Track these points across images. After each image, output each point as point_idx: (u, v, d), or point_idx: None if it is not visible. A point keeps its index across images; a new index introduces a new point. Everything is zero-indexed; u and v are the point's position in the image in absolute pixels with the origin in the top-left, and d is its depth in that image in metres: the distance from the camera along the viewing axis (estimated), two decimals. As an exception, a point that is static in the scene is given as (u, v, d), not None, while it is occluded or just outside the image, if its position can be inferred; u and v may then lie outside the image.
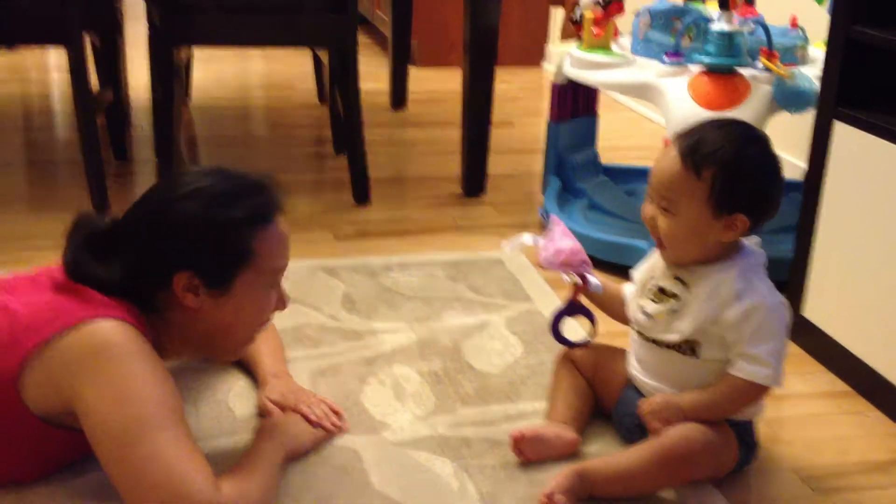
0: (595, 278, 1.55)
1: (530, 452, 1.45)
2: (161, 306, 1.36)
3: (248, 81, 4.13)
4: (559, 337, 1.61)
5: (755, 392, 1.40)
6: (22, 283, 1.37)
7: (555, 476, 1.35)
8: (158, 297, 1.35)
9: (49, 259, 1.40)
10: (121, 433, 1.20)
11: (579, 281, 1.55)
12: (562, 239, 1.54)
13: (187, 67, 3.55)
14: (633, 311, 1.51)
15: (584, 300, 1.59)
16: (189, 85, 3.63)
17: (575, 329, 1.68)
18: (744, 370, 1.38)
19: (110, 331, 1.25)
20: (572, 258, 1.52)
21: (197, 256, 1.33)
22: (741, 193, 1.38)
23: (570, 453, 1.47)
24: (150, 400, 1.23)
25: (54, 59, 4.26)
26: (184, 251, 1.33)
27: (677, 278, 1.45)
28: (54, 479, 1.36)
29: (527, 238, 1.57)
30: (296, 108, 3.69)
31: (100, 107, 2.69)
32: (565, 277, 1.56)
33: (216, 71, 4.17)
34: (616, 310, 1.60)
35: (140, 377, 1.24)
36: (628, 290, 1.57)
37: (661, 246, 1.45)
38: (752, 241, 1.46)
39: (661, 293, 1.46)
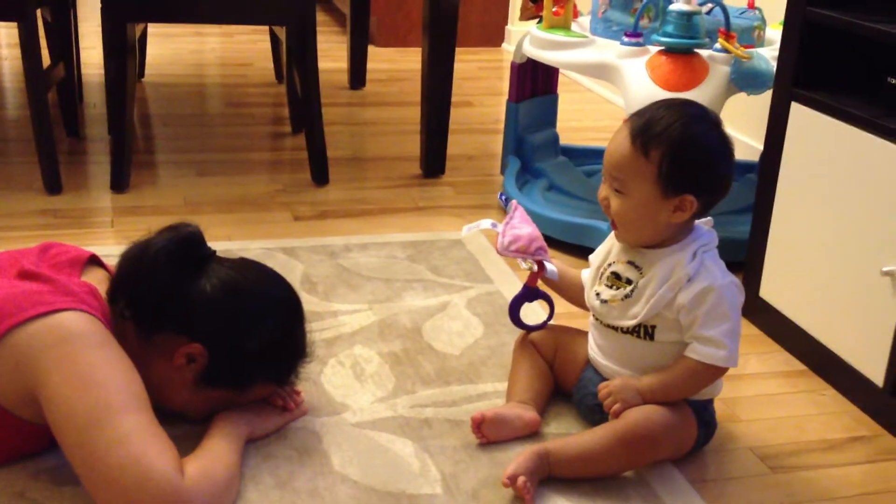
0: (552, 265, 1.55)
1: (491, 434, 1.45)
2: (137, 332, 1.34)
3: (204, 59, 4.08)
4: (519, 322, 1.61)
5: (711, 373, 1.41)
6: None
7: (516, 456, 1.35)
8: (150, 331, 1.34)
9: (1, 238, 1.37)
10: (84, 418, 1.19)
11: (535, 267, 1.55)
12: (520, 225, 1.54)
13: (142, 44, 3.50)
14: (589, 297, 1.52)
15: (542, 286, 1.60)
16: (144, 62, 3.57)
17: (536, 312, 1.69)
18: (699, 352, 1.39)
19: (76, 320, 1.24)
20: (529, 245, 1.52)
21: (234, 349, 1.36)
22: (688, 174, 1.38)
23: (530, 433, 1.48)
24: (114, 386, 1.22)
25: (4, 34, 4.18)
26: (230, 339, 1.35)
27: (630, 262, 1.45)
28: (13, 463, 1.33)
29: (486, 223, 1.56)
30: (253, 86, 3.65)
31: (51, 83, 2.64)
32: (522, 264, 1.56)
33: (172, 48, 4.11)
34: (574, 296, 1.60)
35: (105, 364, 1.23)
36: (586, 275, 1.57)
37: (614, 226, 1.46)
38: (704, 222, 1.47)
39: (616, 278, 1.46)
